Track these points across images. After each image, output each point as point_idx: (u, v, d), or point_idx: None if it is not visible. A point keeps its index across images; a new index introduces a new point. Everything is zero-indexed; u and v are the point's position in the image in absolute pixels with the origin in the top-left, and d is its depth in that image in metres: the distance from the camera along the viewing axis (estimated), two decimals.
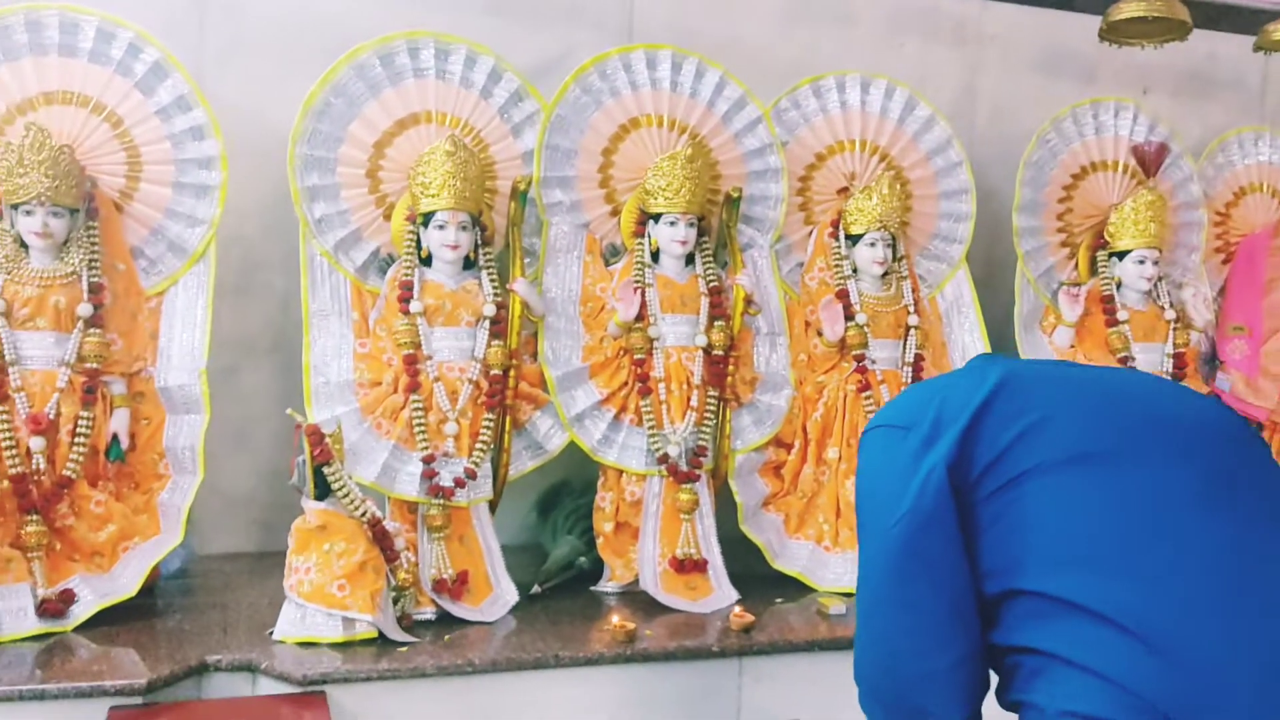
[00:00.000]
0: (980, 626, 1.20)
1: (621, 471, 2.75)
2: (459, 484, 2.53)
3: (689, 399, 2.76)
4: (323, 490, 2.27)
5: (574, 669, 2.25)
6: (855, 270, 3.05)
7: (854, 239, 3.03)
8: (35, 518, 2.31)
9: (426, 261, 2.66)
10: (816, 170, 3.12)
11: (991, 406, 1.22)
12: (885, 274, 3.06)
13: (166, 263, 2.60)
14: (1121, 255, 3.24)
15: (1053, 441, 1.19)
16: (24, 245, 2.40)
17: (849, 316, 2.98)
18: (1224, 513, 1.16)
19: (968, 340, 3.18)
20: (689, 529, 2.73)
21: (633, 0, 3.34)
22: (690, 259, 2.89)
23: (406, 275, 2.63)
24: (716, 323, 2.82)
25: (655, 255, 2.86)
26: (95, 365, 2.42)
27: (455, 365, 2.62)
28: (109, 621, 2.32)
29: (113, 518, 2.42)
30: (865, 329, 2.98)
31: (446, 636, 2.34)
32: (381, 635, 2.26)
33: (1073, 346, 3.24)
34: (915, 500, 1.21)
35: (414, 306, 2.60)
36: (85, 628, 2.29)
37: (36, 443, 2.33)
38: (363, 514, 2.28)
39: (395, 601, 2.37)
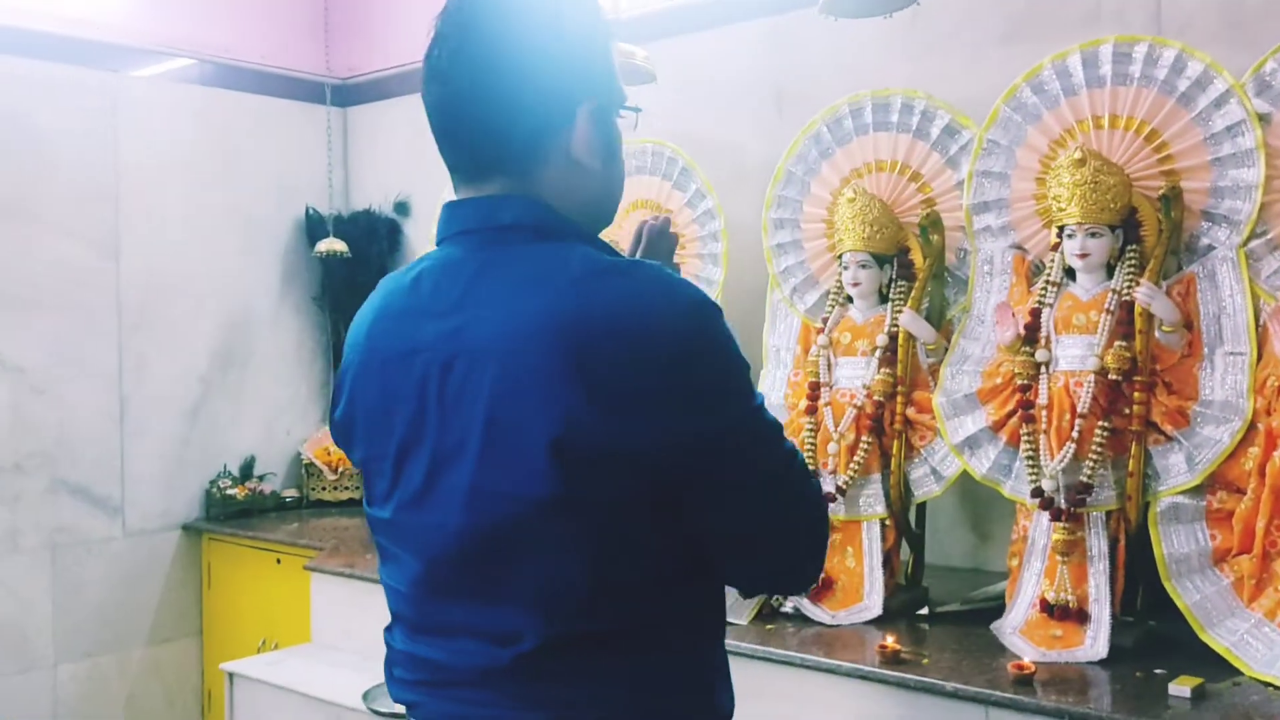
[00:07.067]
0: None
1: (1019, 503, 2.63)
2: (830, 498, 2.81)
3: (1072, 428, 2.49)
4: None
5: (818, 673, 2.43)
6: None
7: None
8: None
9: (851, 299, 2.98)
10: None
11: None
12: None
13: None
14: None
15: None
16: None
17: None
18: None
19: None
20: (1066, 572, 2.48)
21: None
22: (1111, 271, 2.56)
23: (827, 313, 2.99)
24: (1117, 343, 2.47)
25: (1072, 271, 2.63)
26: None
27: (848, 391, 2.88)
28: None
29: None
30: None
31: (769, 626, 2.70)
32: None
33: None
34: None
35: (820, 340, 2.96)
36: None
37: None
38: None
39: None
